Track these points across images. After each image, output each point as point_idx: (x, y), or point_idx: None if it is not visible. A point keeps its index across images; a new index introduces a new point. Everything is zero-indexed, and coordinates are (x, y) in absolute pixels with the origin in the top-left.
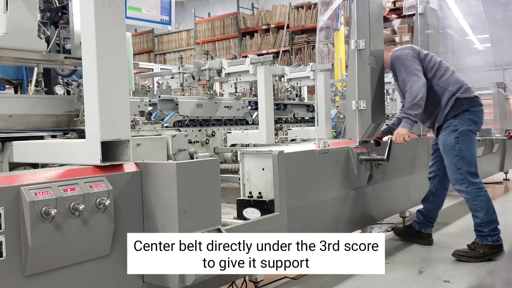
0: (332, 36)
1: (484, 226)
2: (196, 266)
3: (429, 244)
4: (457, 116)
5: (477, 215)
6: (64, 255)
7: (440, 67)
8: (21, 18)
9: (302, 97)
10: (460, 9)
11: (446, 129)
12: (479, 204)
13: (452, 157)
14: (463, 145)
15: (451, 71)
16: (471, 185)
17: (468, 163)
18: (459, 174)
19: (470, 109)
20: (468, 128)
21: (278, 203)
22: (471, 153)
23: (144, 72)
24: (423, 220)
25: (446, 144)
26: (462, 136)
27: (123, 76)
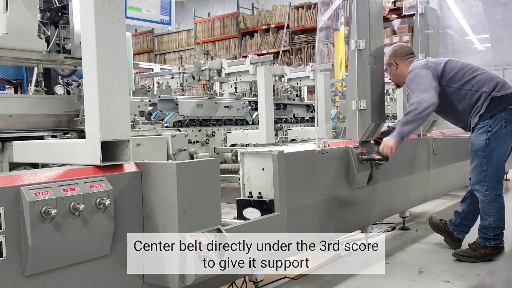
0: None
1: (490, 230)
2: (196, 266)
3: (454, 248)
4: (493, 117)
5: (487, 218)
6: (64, 255)
7: (466, 71)
8: (21, 18)
9: (302, 97)
10: (460, 9)
11: (480, 129)
12: (493, 209)
13: (480, 158)
14: (493, 148)
15: (479, 70)
16: (492, 189)
17: (495, 167)
18: (483, 176)
19: (507, 108)
20: (502, 129)
21: (278, 203)
22: (500, 154)
23: (144, 72)
24: (459, 222)
25: (476, 144)
26: (495, 138)
27: (123, 76)
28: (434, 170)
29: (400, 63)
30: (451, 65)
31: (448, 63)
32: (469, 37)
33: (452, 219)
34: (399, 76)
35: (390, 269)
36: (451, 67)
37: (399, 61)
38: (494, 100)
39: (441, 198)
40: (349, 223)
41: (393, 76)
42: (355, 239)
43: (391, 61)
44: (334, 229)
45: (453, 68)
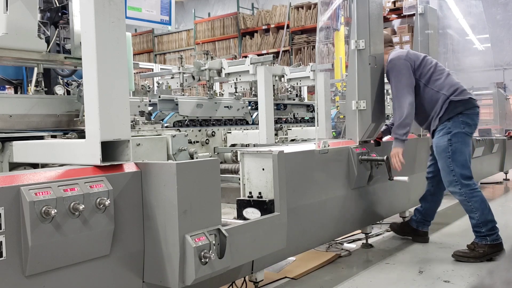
0: (332, 36)
1: (481, 226)
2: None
3: (425, 241)
4: (451, 119)
5: (473, 216)
6: (64, 255)
7: (435, 70)
8: (21, 18)
9: (302, 97)
10: (460, 9)
11: (440, 131)
12: (474, 204)
13: (445, 159)
14: (456, 148)
15: (446, 73)
16: (464, 186)
17: (460, 165)
18: (452, 176)
19: (464, 111)
20: (461, 131)
21: (278, 203)
22: (464, 155)
23: (144, 72)
24: (420, 218)
25: (439, 146)
26: (455, 139)
27: (123, 76)
28: None
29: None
30: (427, 61)
31: (426, 58)
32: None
33: (414, 217)
34: None
35: (390, 269)
36: (427, 63)
37: None
38: (452, 103)
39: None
40: (349, 223)
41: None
42: (355, 239)
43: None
44: (334, 229)
45: (428, 64)
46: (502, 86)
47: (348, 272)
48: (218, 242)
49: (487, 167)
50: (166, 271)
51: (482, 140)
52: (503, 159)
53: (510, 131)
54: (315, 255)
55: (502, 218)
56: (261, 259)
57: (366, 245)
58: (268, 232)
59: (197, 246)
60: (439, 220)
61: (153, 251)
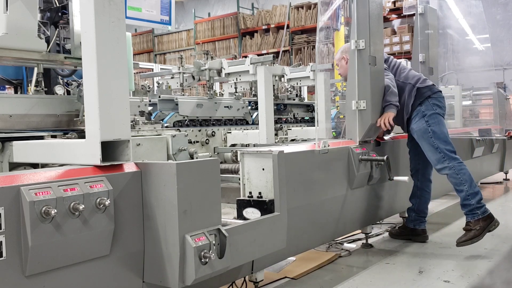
0: (332, 36)
1: (470, 198)
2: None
3: (425, 240)
4: (422, 103)
5: (462, 188)
6: (64, 255)
7: (399, 67)
8: (21, 18)
9: (302, 97)
10: (460, 9)
11: (415, 116)
12: (463, 177)
13: (428, 139)
14: (434, 127)
15: (408, 69)
16: (452, 160)
17: (444, 142)
18: (439, 153)
19: (432, 95)
20: (435, 112)
21: (278, 203)
22: (443, 132)
23: (144, 72)
24: (415, 216)
25: (419, 129)
26: (432, 119)
27: (123, 76)
28: (434, 170)
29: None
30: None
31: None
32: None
33: (408, 217)
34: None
35: (390, 269)
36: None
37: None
38: (419, 90)
39: (441, 198)
40: (349, 223)
41: (343, 69)
42: (355, 239)
43: (342, 56)
44: (334, 229)
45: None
46: (502, 86)
47: (348, 272)
48: (218, 242)
49: (487, 167)
50: (166, 271)
51: (482, 140)
52: (503, 159)
53: (510, 131)
54: (315, 255)
55: (502, 218)
56: (261, 259)
57: (366, 245)
58: (268, 232)
59: (197, 246)
60: (439, 220)
61: (153, 251)
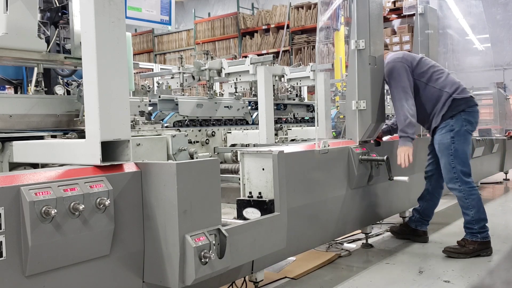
0: (332, 36)
1: (474, 223)
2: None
3: (425, 241)
4: (454, 117)
5: (468, 212)
6: (64, 255)
7: (435, 70)
8: (21, 18)
9: (302, 97)
10: (460, 9)
11: (443, 128)
12: (471, 202)
13: (447, 157)
14: (458, 145)
15: (446, 73)
16: (464, 184)
17: (462, 163)
18: (453, 173)
19: (466, 109)
20: (463, 129)
21: (278, 203)
22: (465, 153)
23: (144, 72)
24: (419, 218)
25: (442, 143)
26: (458, 136)
27: (123, 76)
28: None
29: None
30: (424, 62)
31: (423, 59)
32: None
33: (412, 217)
34: None
35: (390, 269)
36: (425, 63)
37: None
38: (455, 101)
39: (441, 198)
40: (349, 223)
41: None
42: (355, 239)
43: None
44: (334, 229)
45: (426, 64)
46: (502, 86)
47: (348, 272)
48: (218, 242)
49: (487, 167)
50: (166, 271)
51: (482, 140)
52: (503, 159)
53: (510, 131)
54: (315, 255)
55: (502, 218)
56: (261, 259)
57: (366, 245)
58: (268, 232)
59: (197, 246)
60: (439, 220)
61: (153, 251)
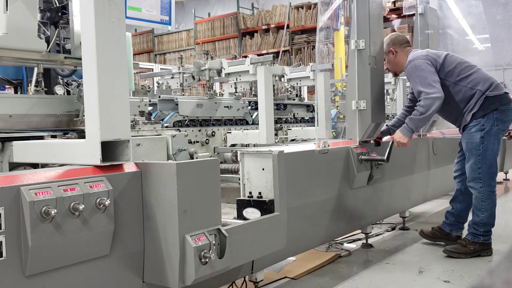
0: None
1: (480, 226)
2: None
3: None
4: (485, 116)
5: (479, 214)
6: (64, 255)
7: (464, 66)
8: (21, 18)
9: (302, 97)
10: (460, 9)
11: (473, 127)
12: (486, 206)
13: (475, 157)
14: (487, 146)
15: (475, 68)
16: (486, 186)
17: (489, 164)
18: (478, 174)
19: (499, 108)
20: (495, 128)
21: (278, 203)
22: (494, 154)
23: (144, 72)
24: (454, 221)
25: (471, 142)
26: (488, 136)
27: (123, 76)
28: (434, 170)
29: (399, 50)
30: (451, 59)
31: (448, 56)
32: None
33: (446, 221)
34: (397, 64)
35: (390, 269)
36: (451, 60)
37: (398, 49)
38: (487, 99)
39: (441, 198)
40: (349, 223)
41: (391, 64)
42: (355, 239)
43: (390, 49)
44: (334, 229)
45: (453, 62)
46: None
47: (348, 272)
48: (218, 242)
49: None
50: (166, 271)
51: None
52: (503, 159)
53: (510, 131)
54: (315, 255)
55: (502, 218)
56: (261, 259)
57: (366, 245)
58: (268, 232)
59: (197, 246)
60: (439, 220)
61: (153, 251)
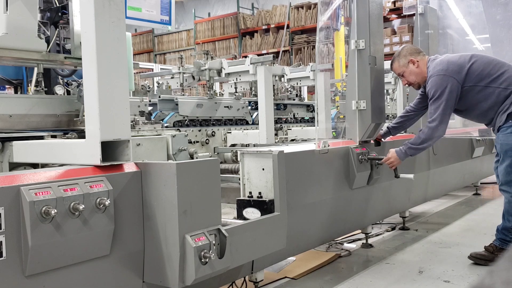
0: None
1: (510, 232)
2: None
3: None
4: None
5: (510, 219)
6: (64, 255)
7: (492, 67)
8: (21, 18)
9: (302, 97)
10: (460, 9)
11: (508, 128)
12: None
13: (509, 159)
14: None
15: (506, 66)
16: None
17: None
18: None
19: None
20: None
21: (278, 203)
22: None
23: (144, 72)
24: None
25: (506, 144)
26: None
27: (123, 76)
28: (434, 170)
29: (419, 59)
30: (476, 66)
31: (474, 64)
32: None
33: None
34: (420, 74)
35: (390, 269)
36: (476, 67)
37: (418, 57)
38: None
39: (441, 198)
40: (349, 223)
41: (415, 75)
42: (355, 239)
43: (410, 59)
44: (334, 229)
45: (478, 67)
46: None
47: (348, 272)
48: (218, 242)
49: (487, 167)
50: (166, 271)
51: (482, 140)
52: None
53: None
54: (315, 255)
55: None
56: (261, 259)
57: (366, 245)
58: (268, 232)
59: (197, 246)
60: (439, 220)
61: (153, 251)
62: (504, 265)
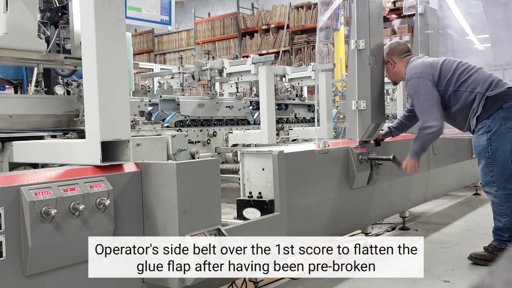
0: (332, 36)
1: (505, 231)
2: (196, 267)
3: None
4: (491, 116)
5: (500, 219)
6: (64, 255)
7: (461, 71)
8: (21, 18)
9: (303, 97)
10: (460, 9)
11: (480, 130)
12: (505, 210)
13: (485, 159)
14: (496, 147)
15: (474, 69)
16: (501, 189)
17: (501, 165)
18: (491, 177)
19: (503, 106)
20: (503, 128)
21: (278, 203)
22: (504, 154)
23: (144, 72)
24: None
25: (478, 145)
26: (496, 137)
27: (123, 76)
28: (434, 170)
29: (398, 61)
30: (446, 67)
31: (444, 64)
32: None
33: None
34: (396, 74)
35: None
36: (447, 69)
37: (396, 59)
38: (489, 99)
39: (441, 198)
40: (349, 223)
41: (390, 74)
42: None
43: (388, 59)
44: (334, 229)
45: (449, 70)
46: None
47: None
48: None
49: None
50: None
51: None
52: None
53: None
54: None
55: None
56: None
57: None
58: (268, 232)
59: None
60: (439, 220)
61: None
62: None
